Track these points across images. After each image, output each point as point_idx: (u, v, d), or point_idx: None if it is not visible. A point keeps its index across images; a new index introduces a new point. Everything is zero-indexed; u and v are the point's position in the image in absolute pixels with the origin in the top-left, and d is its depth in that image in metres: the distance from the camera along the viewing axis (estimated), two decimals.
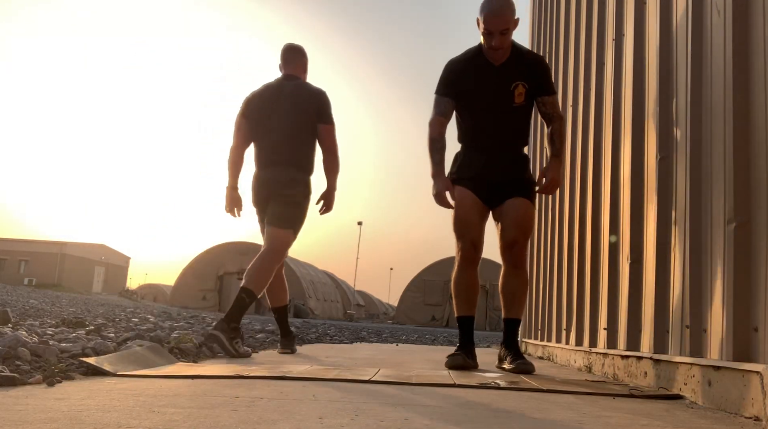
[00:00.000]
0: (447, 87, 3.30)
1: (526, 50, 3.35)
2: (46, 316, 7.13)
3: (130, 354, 2.70)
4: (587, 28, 3.94)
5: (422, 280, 30.86)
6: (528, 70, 3.26)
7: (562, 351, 4.18)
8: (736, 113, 1.97)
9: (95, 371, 2.30)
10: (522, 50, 3.31)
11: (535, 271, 5.23)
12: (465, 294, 3.31)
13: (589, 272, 3.51)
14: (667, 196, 2.53)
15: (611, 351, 3.05)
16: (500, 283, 3.35)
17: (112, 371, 2.31)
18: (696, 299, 2.19)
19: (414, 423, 1.50)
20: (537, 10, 5.95)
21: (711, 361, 2.01)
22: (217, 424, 1.39)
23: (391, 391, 2.12)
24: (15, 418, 1.38)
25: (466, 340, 3.30)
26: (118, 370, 2.35)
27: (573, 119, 4.15)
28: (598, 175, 3.49)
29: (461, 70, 3.29)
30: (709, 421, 1.74)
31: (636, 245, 2.81)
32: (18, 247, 50.34)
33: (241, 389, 2.01)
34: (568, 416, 1.73)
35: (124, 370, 2.38)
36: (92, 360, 2.39)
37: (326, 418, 1.52)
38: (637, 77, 2.92)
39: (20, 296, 17.01)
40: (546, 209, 4.92)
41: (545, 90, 3.31)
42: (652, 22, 2.76)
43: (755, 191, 1.88)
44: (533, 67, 3.28)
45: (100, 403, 1.63)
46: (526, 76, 3.25)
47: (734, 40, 2.00)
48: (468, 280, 3.29)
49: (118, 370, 2.36)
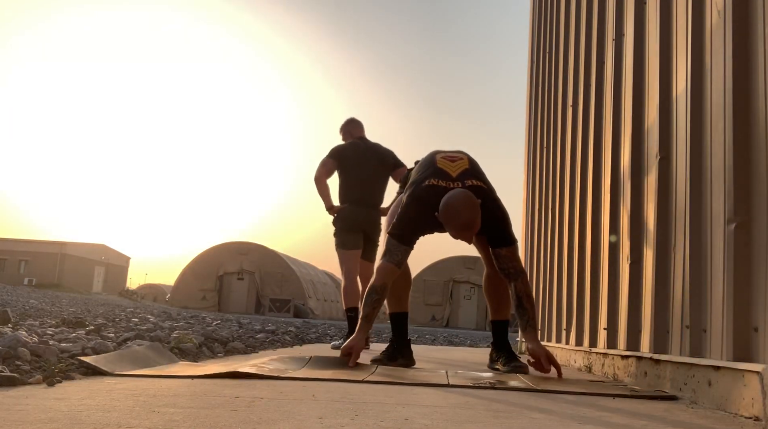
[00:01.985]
0: (408, 233, 3.07)
1: (487, 211, 3.04)
2: (46, 316, 7.13)
3: (131, 353, 2.69)
4: (587, 28, 3.94)
5: (422, 280, 30.88)
6: (487, 224, 3.04)
7: (562, 351, 4.18)
8: (736, 113, 1.97)
9: (93, 371, 2.30)
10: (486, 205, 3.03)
11: (535, 271, 5.23)
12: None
13: (589, 272, 3.51)
14: (667, 196, 2.53)
15: (611, 351, 3.05)
16: (484, 286, 3.37)
17: (109, 371, 2.31)
18: (696, 299, 2.19)
19: (414, 423, 1.50)
20: (537, 10, 5.95)
21: (711, 361, 2.01)
22: (217, 424, 1.39)
23: (391, 391, 2.12)
24: (15, 418, 1.38)
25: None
26: (116, 370, 2.35)
27: (573, 119, 4.15)
28: (598, 176, 3.49)
29: (425, 221, 3.05)
30: (709, 421, 1.74)
31: (636, 245, 2.81)
32: (18, 247, 50.32)
33: (241, 389, 2.01)
34: (568, 416, 1.73)
35: (123, 370, 2.38)
36: (90, 359, 2.39)
37: (326, 418, 1.52)
38: (637, 77, 2.92)
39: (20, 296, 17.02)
40: (546, 209, 4.92)
41: (502, 241, 3.06)
42: (652, 22, 2.76)
43: (755, 191, 1.88)
44: (492, 221, 3.05)
45: (100, 403, 1.63)
46: (486, 229, 3.04)
47: (734, 40, 2.00)
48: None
49: (116, 369, 2.36)
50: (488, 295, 3.37)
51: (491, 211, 3.03)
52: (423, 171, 3.13)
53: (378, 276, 3.03)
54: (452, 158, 3.13)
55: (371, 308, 3.02)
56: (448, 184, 3.00)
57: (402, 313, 3.37)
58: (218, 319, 10.44)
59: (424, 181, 3.05)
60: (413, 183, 3.13)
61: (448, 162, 3.11)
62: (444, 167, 3.07)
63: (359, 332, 3.04)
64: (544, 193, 5.03)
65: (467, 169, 3.08)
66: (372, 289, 3.02)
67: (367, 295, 3.04)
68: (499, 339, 3.32)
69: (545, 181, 5.02)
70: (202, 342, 3.84)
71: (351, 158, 4.99)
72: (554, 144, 4.74)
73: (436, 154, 3.19)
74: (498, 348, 3.31)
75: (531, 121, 5.94)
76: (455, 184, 3.00)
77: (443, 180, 3.01)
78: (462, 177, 3.03)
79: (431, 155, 3.21)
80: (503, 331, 3.34)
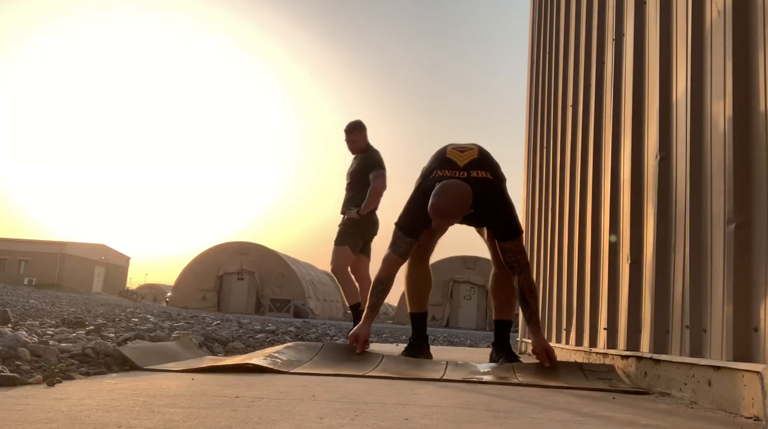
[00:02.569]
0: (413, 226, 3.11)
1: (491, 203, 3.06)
2: (46, 316, 7.13)
3: (160, 347, 2.83)
4: (587, 28, 3.94)
5: None
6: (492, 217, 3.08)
7: (562, 351, 4.18)
8: (736, 113, 1.97)
9: (127, 364, 2.46)
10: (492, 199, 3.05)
11: (535, 271, 5.23)
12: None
13: (589, 272, 3.51)
14: (667, 196, 2.53)
15: (611, 351, 3.05)
16: (491, 285, 3.39)
17: (140, 365, 2.46)
18: (696, 299, 2.19)
19: (414, 423, 1.50)
20: (537, 10, 5.95)
21: (711, 361, 2.01)
22: (217, 424, 1.39)
23: (391, 391, 2.12)
24: (15, 418, 1.38)
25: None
26: (147, 365, 2.48)
27: (573, 119, 4.15)
28: (598, 175, 3.49)
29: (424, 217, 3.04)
30: (709, 421, 1.74)
31: (636, 245, 2.81)
32: (18, 247, 50.29)
33: (241, 389, 2.01)
34: (568, 416, 1.73)
35: (153, 365, 2.51)
36: (127, 351, 2.55)
37: (326, 418, 1.52)
38: (637, 77, 2.92)
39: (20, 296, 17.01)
40: (546, 209, 4.92)
41: (506, 234, 3.05)
42: (652, 22, 2.76)
43: (755, 191, 1.88)
44: (496, 215, 3.08)
45: (100, 403, 1.63)
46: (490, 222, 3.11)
47: (734, 40, 2.00)
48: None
49: (147, 364, 2.49)
50: (494, 294, 3.41)
51: (497, 205, 3.04)
52: (432, 162, 3.19)
53: (383, 267, 3.11)
54: (462, 149, 3.15)
55: (377, 298, 3.13)
56: (454, 173, 3.02)
57: (422, 313, 3.50)
58: (218, 319, 10.44)
59: (431, 173, 3.09)
60: (423, 175, 3.19)
61: (457, 152, 3.13)
62: (452, 157, 3.10)
63: (365, 320, 3.13)
64: (544, 193, 5.03)
65: (476, 159, 3.07)
66: (378, 280, 3.11)
67: (374, 286, 3.14)
68: (500, 339, 3.35)
69: (545, 181, 5.02)
70: (202, 342, 3.83)
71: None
72: (554, 144, 4.74)
73: (448, 145, 3.22)
74: (498, 348, 3.33)
75: (531, 121, 5.94)
76: (461, 174, 3.00)
77: (450, 170, 3.04)
78: (469, 167, 3.03)
79: (443, 147, 3.24)
80: (505, 331, 3.38)
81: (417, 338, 3.47)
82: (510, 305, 3.38)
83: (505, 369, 2.86)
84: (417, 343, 3.45)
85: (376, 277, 3.12)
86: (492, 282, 3.41)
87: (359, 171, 5.17)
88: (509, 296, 3.32)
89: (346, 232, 5.01)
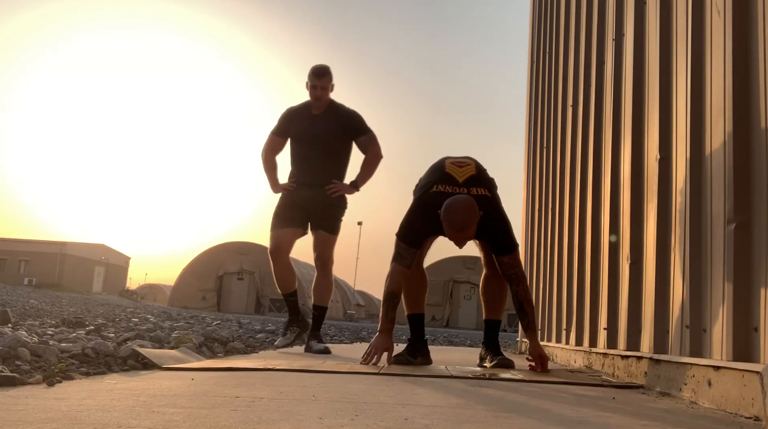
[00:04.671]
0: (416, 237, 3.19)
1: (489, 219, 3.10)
2: (46, 316, 7.13)
3: (166, 353, 2.97)
4: (587, 28, 3.94)
5: None
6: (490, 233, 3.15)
7: (562, 351, 4.18)
8: (736, 113, 1.97)
9: (146, 364, 2.58)
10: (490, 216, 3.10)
11: (535, 271, 5.23)
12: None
13: (589, 272, 3.51)
14: (667, 196, 2.53)
15: (611, 351, 3.05)
16: (481, 286, 3.50)
17: (158, 364, 2.59)
18: (696, 299, 2.19)
19: (414, 423, 1.50)
20: (537, 10, 5.95)
21: (711, 361, 2.01)
22: (217, 424, 1.39)
23: (391, 391, 2.13)
24: (15, 418, 1.38)
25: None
26: (163, 364, 2.62)
27: (573, 119, 4.15)
28: (598, 175, 3.50)
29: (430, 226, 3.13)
30: (708, 421, 1.74)
31: (636, 245, 2.81)
32: (18, 247, 50.28)
33: (241, 389, 2.01)
34: (568, 416, 1.73)
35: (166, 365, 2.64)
36: (145, 351, 2.68)
37: (326, 418, 1.52)
38: (637, 77, 2.92)
39: (20, 296, 17.01)
40: (546, 209, 4.92)
41: (504, 249, 3.16)
42: (652, 22, 2.76)
43: (755, 191, 1.88)
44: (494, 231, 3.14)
45: (100, 403, 1.63)
46: (488, 238, 3.18)
47: (734, 40, 2.00)
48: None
49: (163, 363, 2.63)
50: (484, 295, 3.56)
51: (494, 221, 3.15)
52: (431, 175, 3.27)
53: (394, 280, 3.22)
54: (460, 164, 3.24)
55: (394, 311, 3.26)
56: (454, 189, 3.12)
57: (419, 315, 3.52)
58: (218, 319, 10.44)
59: (432, 186, 3.17)
60: (422, 187, 3.26)
61: (456, 167, 3.21)
62: (452, 172, 3.19)
63: (387, 333, 3.20)
64: (544, 193, 5.02)
65: (474, 176, 3.18)
66: (391, 293, 3.21)
67: (389, 299, 3.22)
68: (489, 338, 3.47)
69: (545, 181, 5.02)
70: (202, 342, 3.84)
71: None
72: (554, 144, 4.74)
73: (446, 159, 3.30)
74: (488, 346, 3.44)
75: (531, 121, 5.94)
76: (461, 190, 3.12)
77: (450, 185, 3.13)
78: (468, 183, 3.14)
79: (441, 160, 3.32)
80: (494, 330, 3.48)
81: (417, 340, 3.48)
82: (499, 305, 3.51)
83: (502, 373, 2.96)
84: (417, 346, 3.47)
85: (389, 291, 3.21)
86: (482, 283, 3.55)
87: (333, 131, 4.15)
88: (498, 297, 3.48)
89: (340, 218, 4.27)
